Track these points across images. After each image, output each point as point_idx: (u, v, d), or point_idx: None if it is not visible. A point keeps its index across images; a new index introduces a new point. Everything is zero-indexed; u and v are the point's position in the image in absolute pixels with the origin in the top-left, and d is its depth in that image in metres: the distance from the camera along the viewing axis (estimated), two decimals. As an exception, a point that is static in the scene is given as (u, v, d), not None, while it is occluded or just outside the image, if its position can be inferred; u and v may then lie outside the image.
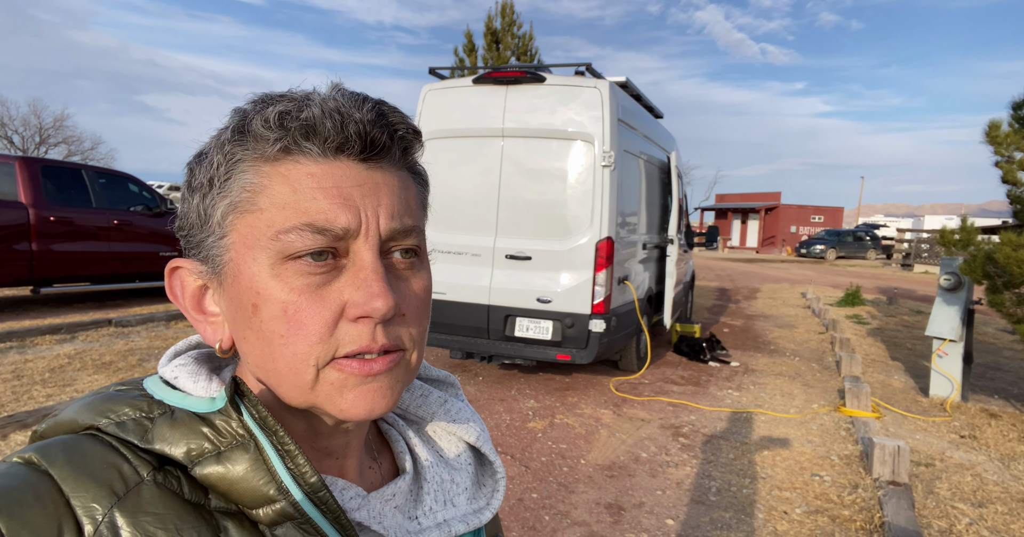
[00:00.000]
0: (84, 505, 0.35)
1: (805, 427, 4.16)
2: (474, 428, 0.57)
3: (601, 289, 4.26)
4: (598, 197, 4.24)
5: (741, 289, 13.21)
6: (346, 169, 0.41)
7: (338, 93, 0.42)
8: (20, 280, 6.06)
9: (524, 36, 11.48)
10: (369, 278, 0.40)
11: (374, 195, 0.42)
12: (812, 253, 27.73)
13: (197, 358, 0.46)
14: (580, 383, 4.99)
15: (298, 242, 0.40)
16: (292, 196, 0.40)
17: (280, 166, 0.41)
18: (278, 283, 0.40)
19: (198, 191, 0.43)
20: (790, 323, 8.60)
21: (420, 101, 4.65)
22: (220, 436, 0.40)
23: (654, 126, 5.81)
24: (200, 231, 0.43)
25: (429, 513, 0.51)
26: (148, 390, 0.43)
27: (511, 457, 3.46)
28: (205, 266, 0.44)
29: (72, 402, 0.43)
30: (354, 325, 0.41)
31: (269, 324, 0.40)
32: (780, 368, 5.84)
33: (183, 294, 0.45)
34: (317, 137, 0.40)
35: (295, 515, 0.39)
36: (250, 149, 0.41)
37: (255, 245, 0.41)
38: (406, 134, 0.44)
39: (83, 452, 0.38)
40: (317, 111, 0.40)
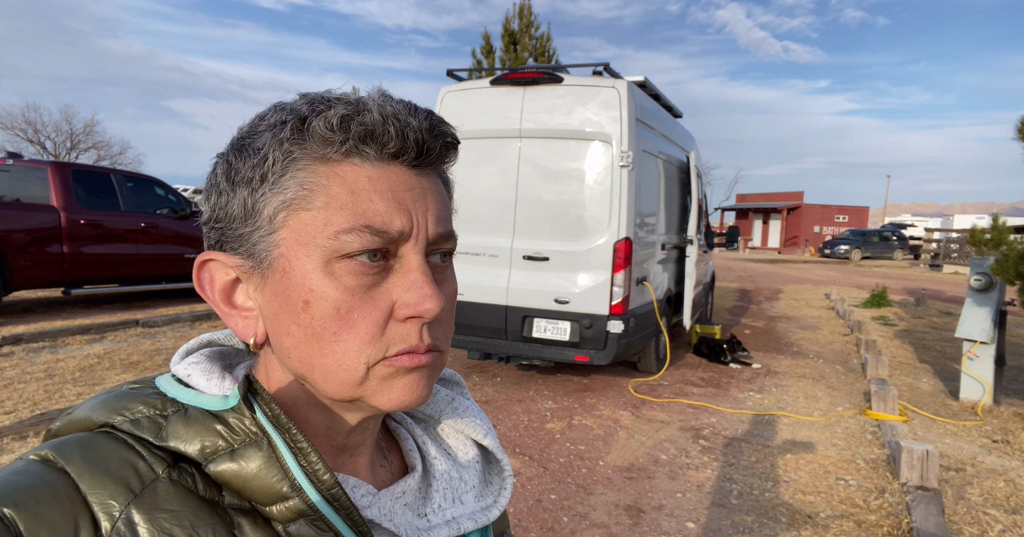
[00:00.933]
0: (101, 502, 0.36)
1: (829, 430, 4.08)
2: (481, 426, 0.57)
3: (619, 290, 4.23)
4: (616, 197, 4.22)
5: (763, 290, 13.02)
6: (399, 174, 0.43)
7: (389, 99, 0.43)
8: (52, 282, 6.24)
9: (542, 37, 11.47)
10: (420, 280, 0.42)
11: (423, 200, 0.43)
12: (836, 253, 27.21)
13: (210, 356, 0.47)
14: (598, 384, 4.97)
15: (356, 242, 0.41)
16: (350, 197, 0.41)
17: (337, 167, 0.42)
18: (331, 281, 0.41)
19: (244, 185, 0.43)
20: (813, 324, 8.44)
21: (438, 103, 4.67)
22: (233, 434, 0.40)
23: (673, 126, 5.76)
24: (243, 225, 0.43)
25: (438, 510, 0.51)
26: (161, 388, 0.44)
27: (529, 458, 3.46)
28: (244, 260, 0.44)
29: (86, 400, 0.43)
30: (403, 325, 0.42)
31: (321, 321, 0.41)
32: (803, 370, 5.74)
33: (212, 287, 0.45)
34: (375, 142, 0.42)
35: (308, 512, 0.40)
36: (309, 149, 0.42)
37: (309, 242, 0.41)
38: (452, 144, 0.46)
39: (99, 449, 0.38)
40: (377, 117, 0.41)
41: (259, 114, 0.45)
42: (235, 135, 0.45)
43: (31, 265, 5.94)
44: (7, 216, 5.74)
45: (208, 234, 0.45)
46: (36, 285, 6.16)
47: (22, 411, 3.71)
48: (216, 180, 0.44)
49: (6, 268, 5.76)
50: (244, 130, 0.45)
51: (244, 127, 0.45)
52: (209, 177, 0.45)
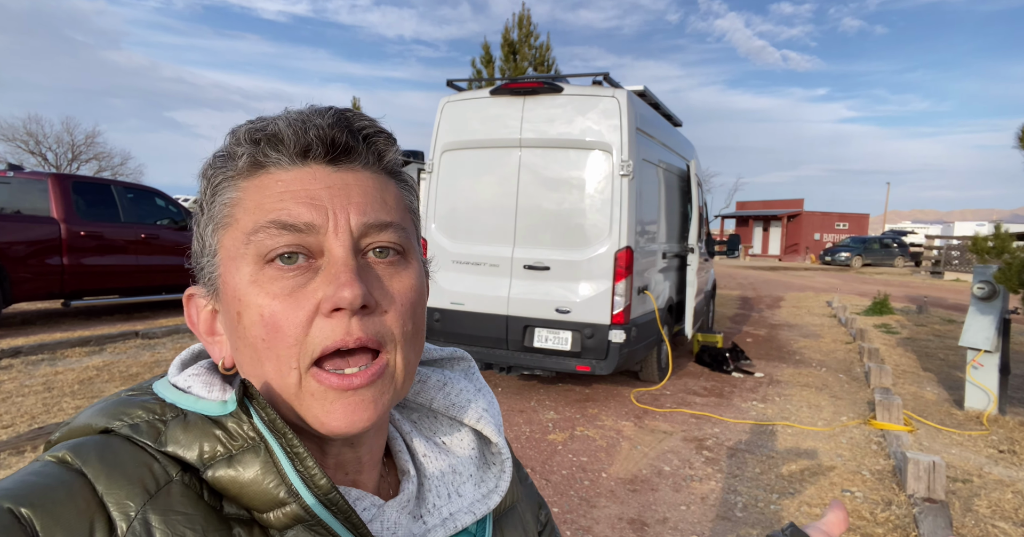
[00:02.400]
0: (118, 502, 0.36)
1: (834, 440, 4.04)
2: (475, 409, 0.54)
3: (621, 299, 4.21)
4: (617, 206, 4.21)
5: (764, 298, 12.99)
6: (315, 173, 0.43)
7: (308, 108, 0.45)
8: (52, 293, 6.22)
9: (541, 46, 11.54)
10: (339, 270, 0.41)
11: (343, 194, 0.43)
12: (837, 261, 27.20)
13: (209, 368, 0.47)
14: (600, 394, 4.93)
15: (267, 240, 0.41)
16: (262, 201, 0.42)
17: (255, 179, 0.43)
18: (256, 289, 0.41)
19: (197, 221, 0.46)
20: (816, 332, 8.41)
21: (438, 112, 4.68)
22: (232, 439, 0.40)
23: (673, 134, 5.77)
24: (201, 257, 0.46)
25: (433, 510, 0.50)
26: (159, 394, 0.44)
27: (531, 470, 3.42)
28: (208, 289, 0.46)
29: (84, 410, 0.43)
30: (328, 320, 0.41)
31: (251, 330, 0.41)
32: (806, 379, 5.70)
33: (198, 320, 0.47)
34: (284, 145, 0.42)
35: (306, 517, 0.39)
36: (226, 168, 0.44)
37: (236, 255, 0.43)
38: (373, 135, 0.45)
39: (115, 451, 0.38)
40: (282, 123, 0.43)
41: None
42: None
43: (31, 277, 5.93)
44: (6, 228, 5.74)
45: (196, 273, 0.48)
46: (36, 297, 6.14)
47: (20, 425, 3.68)
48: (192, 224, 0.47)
49: (6, 280, 5.75)
50: None
51: None
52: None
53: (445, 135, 4.63)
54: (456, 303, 4.57)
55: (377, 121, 0.46)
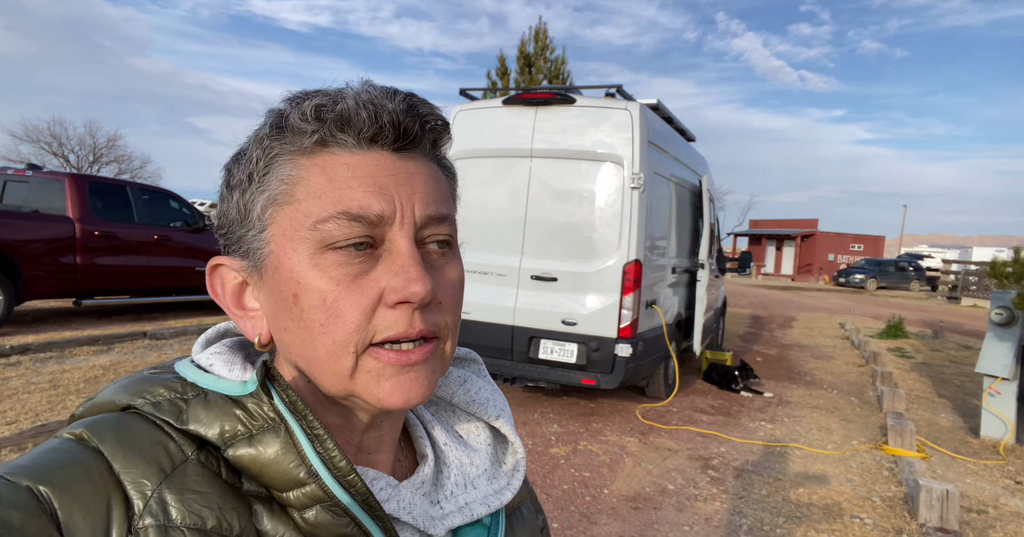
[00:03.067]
0: (134, 481, 0.36)
1: (844, 464, 3.94)
2: (494, 407, 0.56)
3: (628, 313, 4.16)
4: (626, 219, 4.18)
5: (775, 317, 12.83)
6: (380, 159, 0.42)
7: (370, 87, 0.43)
8: (64, 292, 6.28)
9: (557, 60, 11.61)
10: (407, 264, 0.41)
11: (408, 183, 0.43)
12: (851, 282, 26.85)
13: (231, 347, 0.46)
14: (605, 409, 4.86)
15: (336, 231, 0.41)
16: (328, 186, 0.41)
17: (317, 158, 0.42)
18: (317, 273, 0.41)
19: (237, 188, 0.44)
20: (827, 354, 8.26)
21: (450, 121, 4.69)
22: (252, 419, 0.40)
23: (686, 149, 5.74)
24: (240, 227, 0.44)
25: (451, 497, 0.50)
26: (181, 373, 0.44)
27: (532, 483, 3.35)
28: (245, 261, 0.44)
29: (108, 385, 0.43)
30: (392, 311, 0.41)
31: (309, 313, 0.41)
32: (817, 401, 5.58)
33: (223, 291, 0.46)
34: (352, 128, 0.41)
35: (324, 498, 0.40)
36: (288, 142, 0.42)
37: (294, 236, 0.42)
38: (436, 125, 0.45)
39: (131, 429, 0.39)
40: (352, 103, 0.41)
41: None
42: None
43: (44, 275, 5.98)
44: (22, 226, 5.81)
45: (220, 241, 0.46)
46: (48, 295, 6.20)
47: (23, 422, 3.69)
48: (220, 189, 0.46)
49: (19, 278, 5.81)
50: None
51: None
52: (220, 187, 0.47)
53: (456, 144, 4.63)
54: (463, 312, 4.53)
55: (439, 109, 0.46)
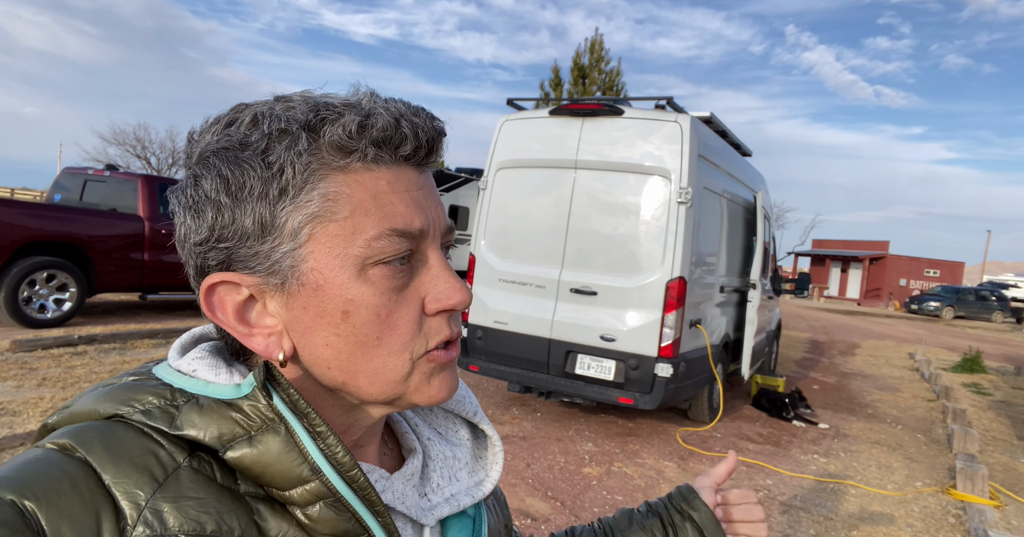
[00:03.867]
0: (127, 491, 0.35)
1: (905, 507, 3.62)
2: (469, 404, 0.57)
3: (670, 331, 4.00)
4: (671, 234, 4.03)
5: (837, 343, 12.13)
6: (409, 174, 0.44)
7: (390, 100, 0.43)
8: (132, 286, 6.67)
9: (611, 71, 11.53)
10: (447, 275, 0.44)
11: (431, 197, 0.45)
12: (925, 310, 25.14)
13: (211, 351, 0.45)
14: (644, 429, 4.68)
15: (388, 248, 0.42)
16: (373, 204, 0.42)
17: (356, 175, 0.42)
18: (369, 288, 0.41)
19: (258, 200, 0.40)
20: (893, 386, 7.71)
21: (496, 131, 4.69)
22: (249, 420, 0.40)
23: (740, 164, 5.53)
24: (259, 242, 0.41)
25: (437, 489, 0.52)
26: (164, 379, 0.42)
27: (560, 503, 3.25)
28: (265, 278, 0.42)
29: (83, 393, 0.42)
30: (435, 318, 0.44)
31: (363, 328, 0.42)
32: (878, 436, 5.19)
33: (224, 310, 0.43)
34: (389, 145, 0.42)
35: (327, 494, 0.40)
36: (326, 159, 0.41)
37: (341, 253, 0.41)
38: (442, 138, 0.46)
39: (119, 438, 0.37)
40: (391, 120, 0.41)
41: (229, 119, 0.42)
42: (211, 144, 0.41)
43: (114, 270, 6.38)
44: (96, 223, 6.22)
45: (206, 254, 0.42)
46: (117, 289, 6.60)
47: (79, 406, 3.90)
48: (209, 196, 0.41)
49: (92, 272, 6.21)
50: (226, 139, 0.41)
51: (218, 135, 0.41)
52: (189, 194, 0.42)
53: (501, 153, 4.63)
54: (499, 322, 4.49)
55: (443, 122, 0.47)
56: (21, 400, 3.84)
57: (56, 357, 4.94)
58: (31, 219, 5.79)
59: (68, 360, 4.91)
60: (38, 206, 6.20)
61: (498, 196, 4.64)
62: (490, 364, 4.56)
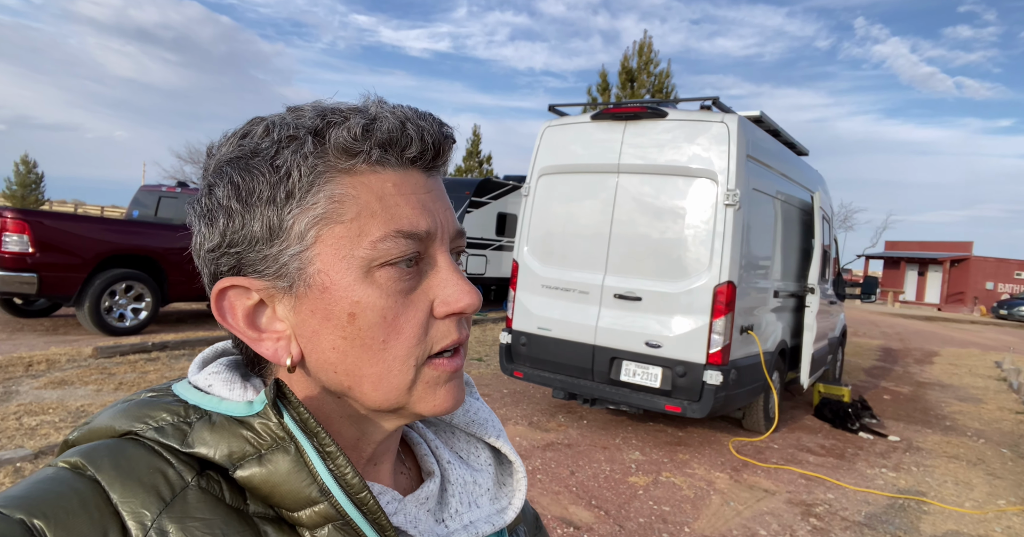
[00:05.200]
0: (133, 511, 0.36)
1: (985, 527, 3.33)
2: (492, 428, 0.56)
3: (719, 337, 3.87)
4: (719, 238, 3.91)
5: (913, 351, 11.35)
6: (417, 178, 0.44)
7: (397, 105, 0.44)
8: (200, 296, 7.09)
9: (661, 74, 11.32)
10: (456, 278, 0.44)
11: (441, 201, 0.45)
12: (1015, 315, 23.17)
13: (228, 366, 0.46)
14: (694, 439, 4.53)
15: (394, 249, 0.42)
16: (379, 205, 0.42)
17: (362, 177, 0.42)
18: (375, 290, 0.41)
19: (266, 204, 0.41)
20: (976, 396, 7.14)
21: (538, 137, 4.71)
22: (260, 438, 0.40)
23: (795, 164, 5.30)
24: (268, 246, 0.42)
25: (455, 515, 0.51)
26: (180, 395, 0.43)
27: (605, 512, 3.19)
28: (273, 281, 0.42)
29: (103, 410, 0.43)
30: (443, 322, 0.44)
31: (368, 331, 0.41)
32: (956, 450, 4.82)
33: (234, 315, 0.43)
34: (396, 147, 0.42)
35: (336, 517, 0.39)
36: (332, 162, 0.42)
37: (347, 255, 0.41)
38: (453, 143, 0.47)
39: (128, 457, 0.38)
40: (396, 122, 0.42)
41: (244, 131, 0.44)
42: (225, 155, 0.43)
43: (185, 280, 6.80)
44: (168, 237, 6.67)
45: (218, 260, 0.43)
46: (188, 298, 7.04)
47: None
48: (221, 203, 0.42)
49: (164, 282, 6.66)
50: (239, 149, 0.43)
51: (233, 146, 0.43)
52: (204, 203, 0.43)
53: (543, 159, 4.64)
54: (543, 328, 4.48)
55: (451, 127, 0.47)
56: (100, 403, 4.14)
57: (132, 362, 5.31)
58: (111, 234, 6.28)
59: (142, 365, 5.26)
60: (117, 222, 6.72)
61: (540, 202, 4.64)
62: (534, 370, 4.55)
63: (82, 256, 5.98)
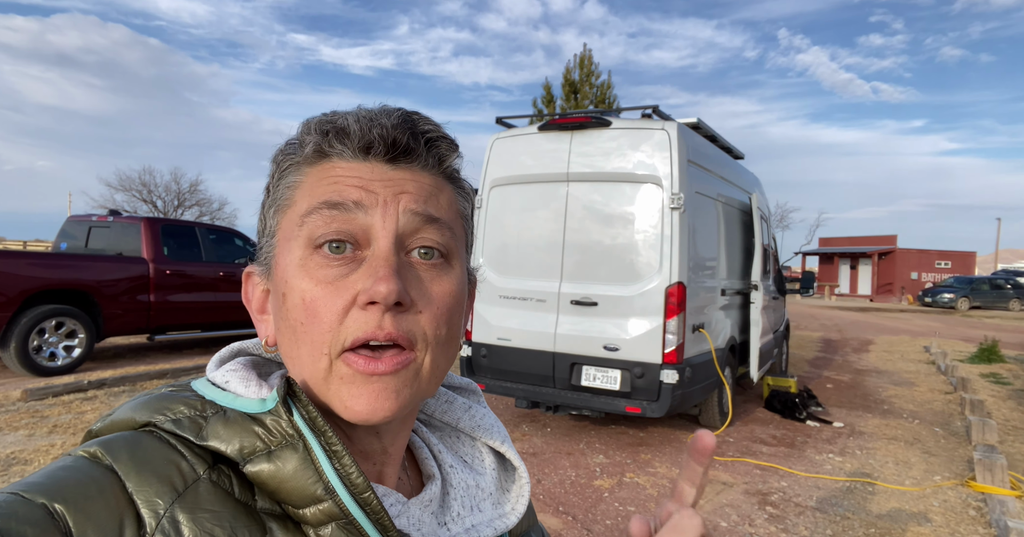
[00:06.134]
0: (147, 499, 0.36)
1: (924, 503, 3.55)
2: (498, 433, 0.57)
3: (673, 337, 3.99)
4: (667, 240, 4.05)
5: (850, 340, 11.99)
6: (373, 168, 0.45)
7: (378, 107, 0.47)
8: (140, 328, 6.73)
9: (602, 85, 11.65)
10: (378, 264, 0.42)
11: (396, 187, 0.44)
12: (939, 302, 24.83)
13: (245, 364, 0.47)
14: (655, 438, 4.63)
15: (319, 221, 0.43)
16: (319, 185, 0.44)
17: (318, 166, 0.46)
18: (302, 273, 0.43)
19: (263, 205, 0.49)
20: (909, 380, 7.60)
21: (487, 149, 4.76)
22: (271, 435, 0.41)
23: (733, 167, 5.56)
24: (262, 238, 0.48)
25: (457, 518, 0.51)
26: (199, 391, 0.44)
27: (572, 518, 3.22)
28: (262, 268, 0.48)
29: (126, 402, 0.44)
30: (363, 312, 0.42)
31: (292, 312, 0.43)
32: (894, 431, 5.11)
33: (247, 297, 0.50)
34: (349, 139, 0.44)
35: (340, 515, 0.40)
36: (296, 154, 0.46)
37: (290, 237, 0.45)
38: (436, 139, 0.47)
39: (144, 448, 0.39)
40: (351, 118, 0.45)
41: None
42: None
43: (121, 313, 6.43)
44: (101, 268, 6.30)
45: (257, 251, 0.50)
46: (125, 332, 6.65)
47: (91, 448, 3.92)
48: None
49: (99, 316, 6.28)
50: None
51: None
52: None
53: (494, 171, 4.69)
54: (503, 339, 4.50)
55: (442, 127, 0.48)
56: (32, 448, 3.87)
57: (67, 403, 4.98)
58: (37, 269, 5.87)
59: (79, 406, 4.94)
60: (43, 255, 6.30)
61: (493, 213, 4.68)
62: (496, 381, 4.55)
63: (5, 294, 5.58)
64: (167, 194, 29.02)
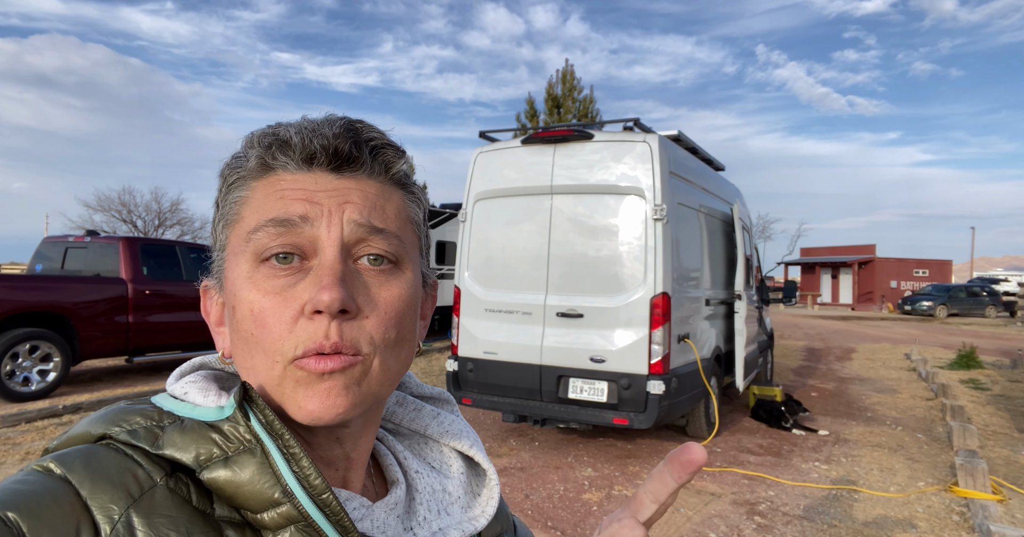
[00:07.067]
0: (102, 506, 0.36)
1: (909, 509, 3.57)
2: (466, 438, 0.57)
3: (658, 347, 4.00)
4: (651, 251, 4.08)
5: (833, 349, 12.12)
6: (317, 178, 0.45)
7: (323, 116, 0.47)
8: (117, 350, 6.57)
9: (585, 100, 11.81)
10: (323, 273, 0.42)
11: (343, 196, 0.45)
12: (918, 310, 25.25)
13: (206, 376, 0.47)
14: (643, 450, 4.62)
15: (265, 238, 0.43)
16: (265, 201, 0.44)
17: (263, 179, 0.46)
18: (250, 285, 0.43)
19: (214, 217, 0.49)
20: (891, 387, 7.69)
21: (471, 164, 4.78)
22: (228, 441, 0.40)
23: (714, 179, 5.64)
24: (214, 252, 0.48)
25: (423, 523, 0.50)
26: (157, 404, 0.44)
27: (561, 533, 3.18)
28: (215, 282, 0.48)
29: (84, 418, 0.44)
30: (311, 322, 0.42)
31: (242, 324, 0.43)
32: (878, 438, 5.15)
33: (206, 310, 0.50)
34: (291, 151, 0.45)
35: (299, 518, 0.39)
36: (240, 168, 0.46)
37: (238, 251, 0.45)
38: (381, 147, 0.47)
39: (99, 458, 0.39)
40: (293, 130, 0.45)
41: None
42: None
43: (99, 335, 6.28)
44: (77, 290, 6.16)
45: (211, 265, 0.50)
46: (102, 354, 6.49)
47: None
48: None
49: (75, 339, 6.12)
50: None
51: None
52: None
53: (478, 185, 4.71)
54: (489, 353, 4.48)
55: (386, 134, 0.48)
56: (2, 477, 3.74)
57: (40, 429, 4.84)
58: (10, 291, 5.71)
59: (53, 431, 4.80)
60: (16, 278, 6.13)
61: (478, 227, 4.69)
62: (483, 396, 4.52)
63: (-23, 317, 5.43)
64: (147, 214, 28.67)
